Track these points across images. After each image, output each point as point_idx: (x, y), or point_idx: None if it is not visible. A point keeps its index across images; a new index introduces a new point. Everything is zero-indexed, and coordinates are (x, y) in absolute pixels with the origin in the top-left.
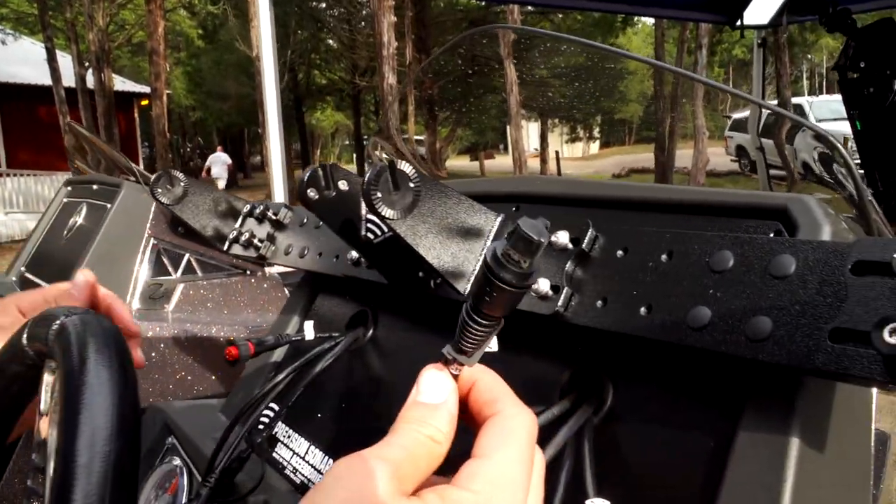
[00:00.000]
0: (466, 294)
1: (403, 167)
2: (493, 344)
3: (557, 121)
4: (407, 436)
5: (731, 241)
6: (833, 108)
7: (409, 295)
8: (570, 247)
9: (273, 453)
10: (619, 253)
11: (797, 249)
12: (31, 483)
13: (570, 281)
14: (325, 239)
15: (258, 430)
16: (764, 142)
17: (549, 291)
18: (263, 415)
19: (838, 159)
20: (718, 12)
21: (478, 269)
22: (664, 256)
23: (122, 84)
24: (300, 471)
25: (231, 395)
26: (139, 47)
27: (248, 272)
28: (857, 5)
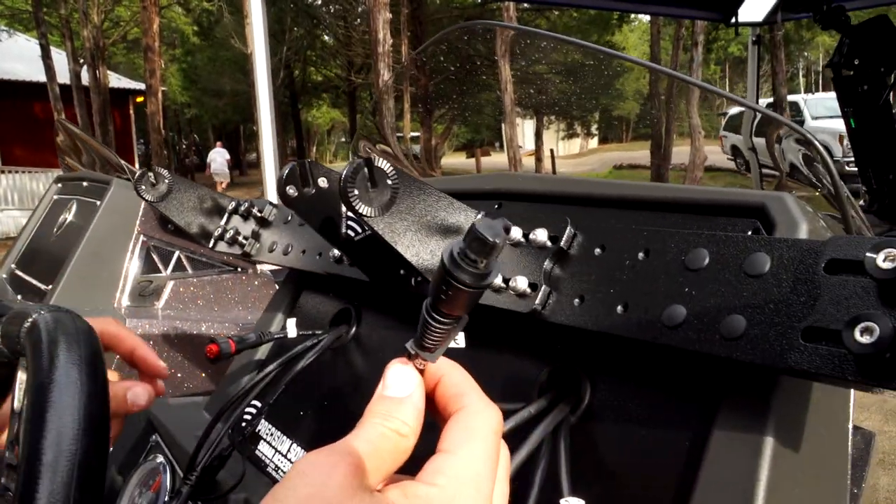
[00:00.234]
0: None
1: (381, 164)
2: (460, 340)
3: (553, 118)
4: (372, 429)
5: (706, 240)
6: (829, 105)
7: (391, 293)
8: (548, 245)
9: (255, 451)
10: (597, 251)
11: (772, 247)
12: (5, 480)
13: (549, 279)
14: (309, 236)
15: (240, 428)
16: (756, 142)
17: (528, 289)
18: (246, 412)
19: (816, 157)
20: (713, 9)
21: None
22: (641, 254)
23: (117, 81)
24: (282, 468)
25: (215, 393)
26: (134, 44)
27: (239, 269)
28: (851, 2)
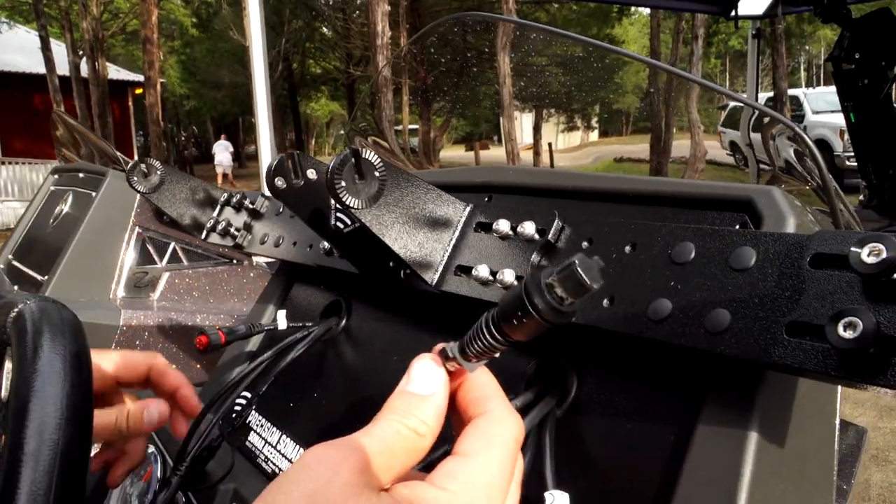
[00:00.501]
0: (434, 283)
1: (368, 156)
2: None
3: (552, 112)
4: (388, 426)
5: (693, 233)
6: (829, 99)
7: (381, 285)
8: (536, 238)
9: (245, 442)
10: (585, 244)
11: (758, 241)
12: None
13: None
14: (300, 229)
15: (230, 419)
16: (753, 137)
17: (515, 282)
18: (236, 403)
19: (806, 151)
20: (713, 2)
21: (443, 262)
22: (628, 248)
23: (116, 73)
24: (271, 459)
25: (206, 385)
26: (133, 36)
27: (235, 261)
28: None
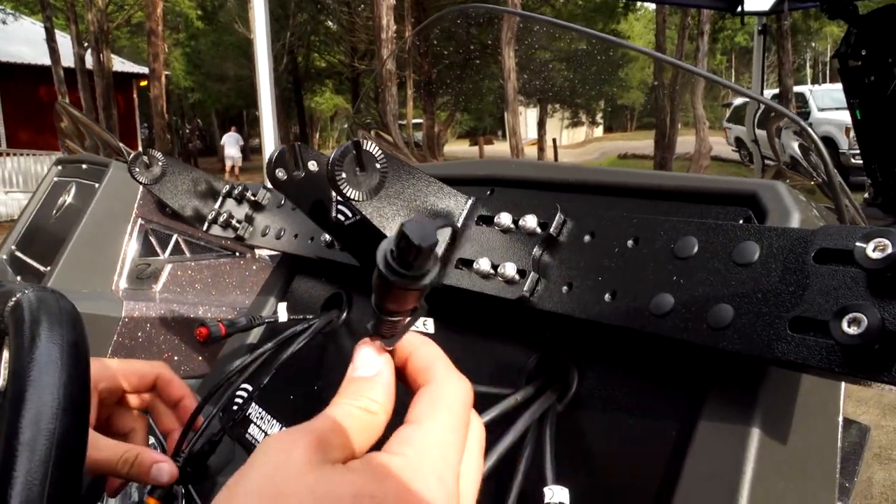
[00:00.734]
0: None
1: (369, 147)
2: (429, 325)
3: (557, 107)
4: (338, 409)
5: (696, 228)
6: (835, 96)
7: None
8: (538, 231)
9: (246, 434)
10: (587, 238)
11: (762, 236)
12: None
13: (537, 266)
14: (302, 220)
15: (230, 411)
16: (759, 134)
17: (516, 276)
18: (237, 396)
19: (811, 146)
20: None
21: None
22: (630, 242)
23: (120, 65)
24: None
25: (207, 377)
26: (138, 28)
27: (238, 254)
28: None
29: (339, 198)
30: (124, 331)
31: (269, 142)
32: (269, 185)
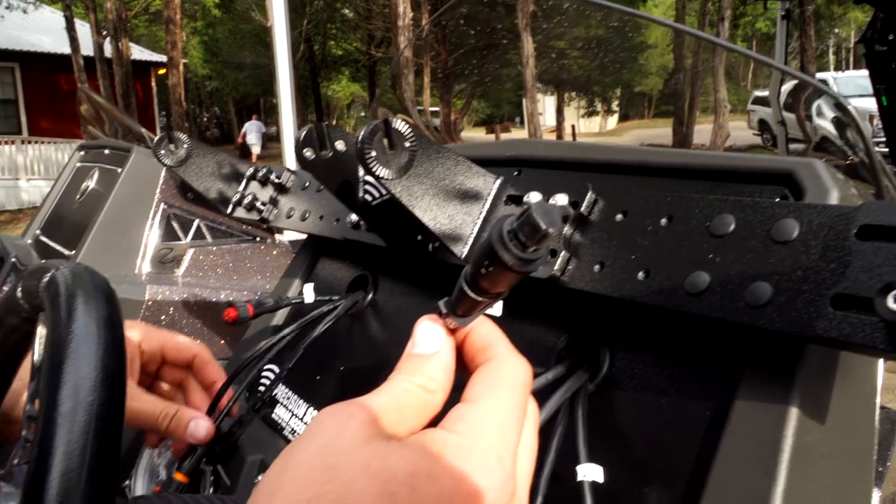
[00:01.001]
0: (464, 258)
1: (399, 126)
2: (497, 308)
3: (574, 94)
4: (395, 385)
5: (732, 205)
6: (859, 83)
7: (409, 258)
8: (570, 211)
9: (272, 414)
10: (619, 217)
11: (801, 213)
12: (26, 433)
13: (568, 245)
14: (327, 202)
15: (257, 392)
16: (785, 115)
17: (547, 255)
18: (263, 376)
19: (850, 122)
20: None
21: (474, 235)
22: (664, 220)
23: (139, 53)
24: (298, 431)
25: (233, 357)
26: (156, 16)
27: (258, 239)
28: None
29: (366, 177)
30: (147, 314)
31: (288, 129)
32: (293, 168)
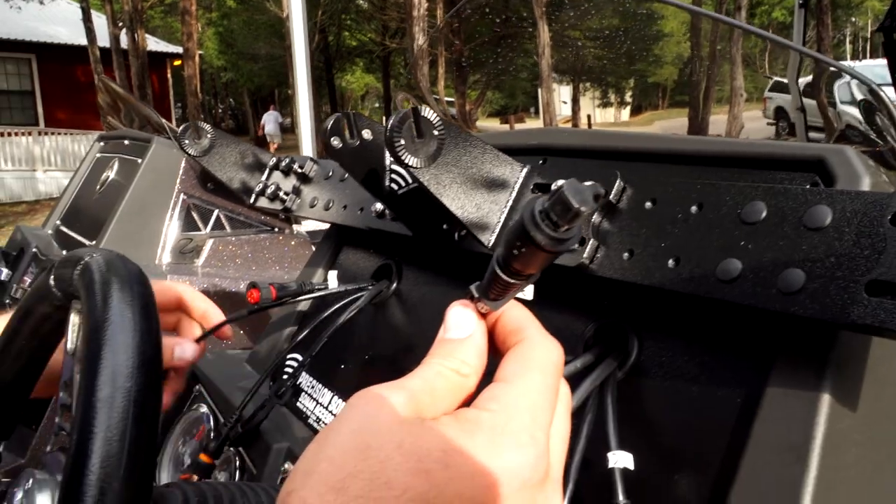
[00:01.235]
0: (491, 246)
1: (427, 114)
2: (528, 291)
3: (590, 84)
4: (429, 369)
5: (764, 192)
6: (876, 72)
7: (434, 247)
8: (600, 189)
9: (297, 403)
10: (648, 204)
11: (834, 200)
12: (59, 420)
13: (597, 233)
14: (351, 192)
15: (282, 380)
16: (805, 102)
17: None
18: (287, 364)
19: (882, 108)
20: None
21: (500, 223)
22: (694, 208)
23: (155, 44)
24: (323, 420)
25: (257, 346)
26: (171, 7)
27: (276, 229)
28: None
29: (393, 166)
30: None
31: (305, 119)
32: (315, 158)
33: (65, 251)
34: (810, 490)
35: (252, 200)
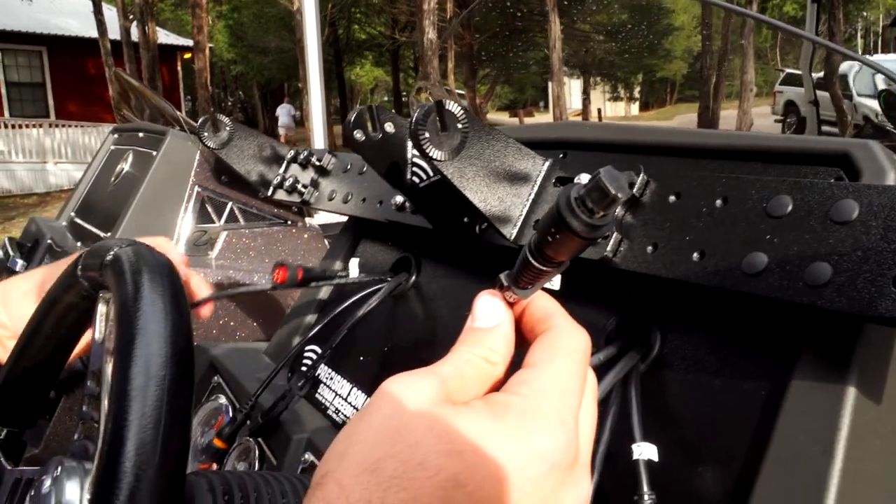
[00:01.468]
0: (513, 238)
1: (451, 107)
2: (556, 282)
3: (600, 79)
4: (459, 356)
5: (789, 186)
6: (888, 67)
7: (454, 240)
8: (634, 177)
9: (315, 394)
10: (672, 198)
11: (860, 194)
12: (86, 408)
13: (620, 226)
14: (369, 185)
15: (301, 371)
16: (819, 95)
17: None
18: (306, 356)
19: None
20: None
21: (522, 216)
22: (719, 202)
23: (165, 37)
24: (342, 411)
25: (275, 337)
26: (182, 0)
27: (289, 222)
28: None
29: (414, 160)
30: None
31: (317, 112)
32: (332, 151)
33: (79, 243)
34: (836, 482)
35: (270, 193)
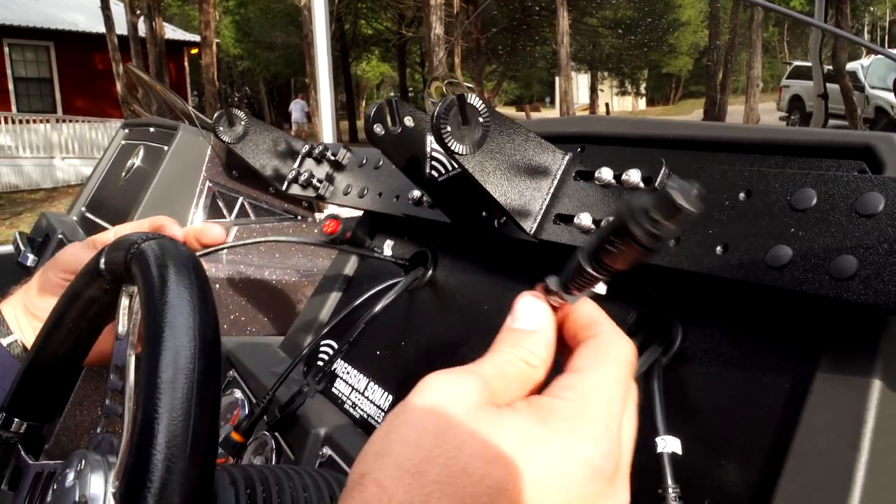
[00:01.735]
0: (532, 232)
1: (473, 101)
2: (601, 287)
3: (607, 73)
4: (498, 356)
5: (814, 179)
6: None
7: (472, 235)
8: (641, 185)
9: (332, 388)
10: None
11: (886, 187)
12: (109, 402)
13: None
14: (385, 179)
15: (318, 366)
16: (830, 87)
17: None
18: (322, 351)
19: None
20: None
21: (542, 210)
22: (742, 195)
23: (172, 33)
24: (359, 406)
25: (291, 331)
26: None
27: (299, 217)
28: None
29: (434, 154)
30: None
31: (326, 107)
32: (347, 146)
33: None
34: (862, 474)
35: (285, 188)
